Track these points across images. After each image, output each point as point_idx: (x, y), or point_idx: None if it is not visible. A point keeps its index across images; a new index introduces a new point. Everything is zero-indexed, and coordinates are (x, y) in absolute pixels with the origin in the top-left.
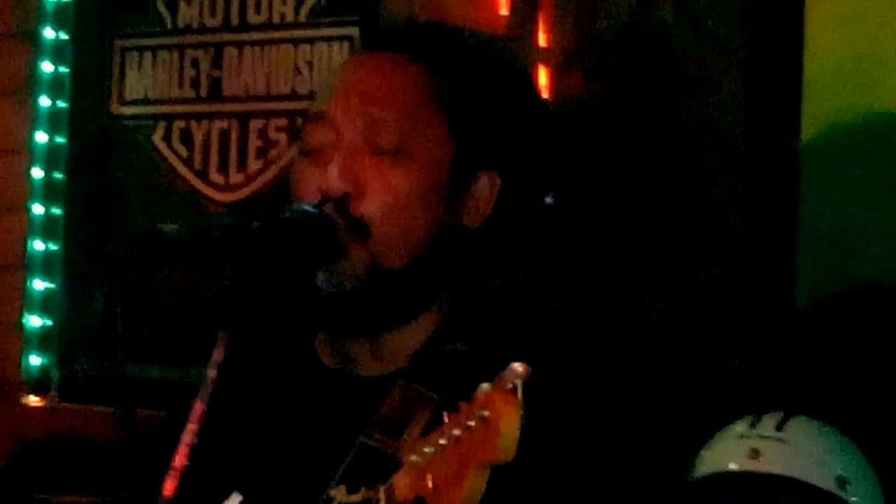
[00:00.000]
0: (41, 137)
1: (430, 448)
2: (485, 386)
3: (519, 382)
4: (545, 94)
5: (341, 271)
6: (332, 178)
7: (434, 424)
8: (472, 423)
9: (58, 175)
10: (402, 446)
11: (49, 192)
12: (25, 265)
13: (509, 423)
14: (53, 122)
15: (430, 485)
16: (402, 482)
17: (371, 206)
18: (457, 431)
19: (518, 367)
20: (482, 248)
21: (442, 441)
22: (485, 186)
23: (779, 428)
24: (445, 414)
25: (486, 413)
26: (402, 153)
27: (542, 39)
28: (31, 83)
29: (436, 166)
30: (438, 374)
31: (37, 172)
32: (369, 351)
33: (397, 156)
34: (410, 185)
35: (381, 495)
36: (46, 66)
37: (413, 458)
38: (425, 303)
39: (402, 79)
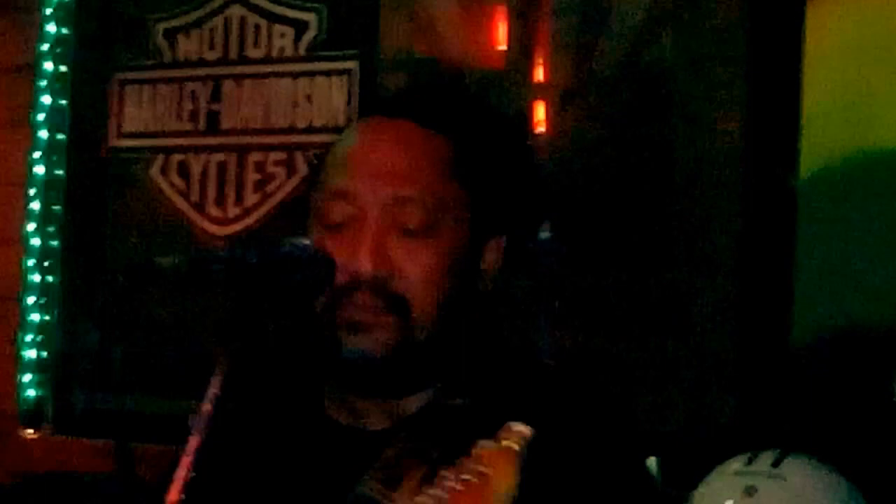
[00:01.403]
0: (40, 170)
1: (427, 500)
2: (485, 443)
3: (520, 442)
4: (542, 130)
5: (371, 342)
6: (365, 262)
7: (431, 478)
8: (470, 478)
9: (56, 207)
10: (398, 499)
11: (47, 224)
12: (22, 297)
13: (506, 481)
14: (52, 154)
15: None
16: None
17: (407, 284)
18: (455, 485)
19: (521, 427)
20: (491, 308)
21: (440, 493)
22: (494, 252)
23: (775, 465)
24: (445, 468)
25: (484, 469)
26: (430, 231)
27: (539, 75)
28: (30, 115)
29: (458, 239)
30: (438, 429)
31: (35, 205)
32: (380, 409)
33: (426, 236)
34: (439, 260)
35: None
36: (46, 99)
37: None
38: (441, 369)
39: (425, 153)
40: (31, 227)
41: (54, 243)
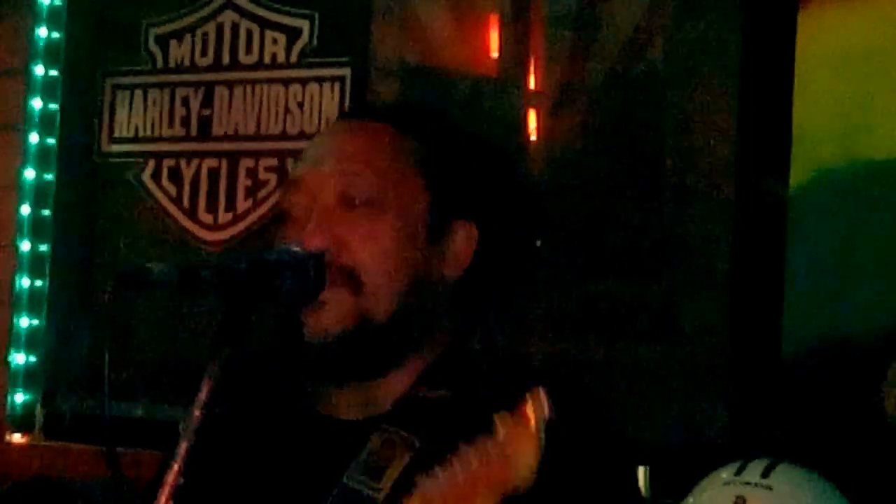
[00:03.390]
0: (30, 174)
1: (443, 476)
2: (505, 417)
3: (541, 423)
4: (535, 137)
5: (328, 320)
6: (310, 235)
7: (414, 468)
8: (490, 455)
9: (46, 212)
10: (383, 488)
11: (37, 228)
12: (11, 302)
13: (527, 455)
14: (42, 158)
15: None
16: None
17: (355, 256)
18: (474, 462)
19: (543, 402)
20: (463, 297)
21: (457, 469)
22: (462, 237)
23: (764, 475)
24: (464, 445)
25: (505, 445)
26: (377, 205)
27: (532, 83)
28: (21, 119)
29: (412, 217)
30: (420, 420)
31: (25, 209)
32: (353, 398)
33: (372, 207)
34: (388, 233)
35: None
36: (36, 103)
37: (427, 484)
38: (407, 352)
39: (376, 137)
40: (20, 231)
41: (44, 248)
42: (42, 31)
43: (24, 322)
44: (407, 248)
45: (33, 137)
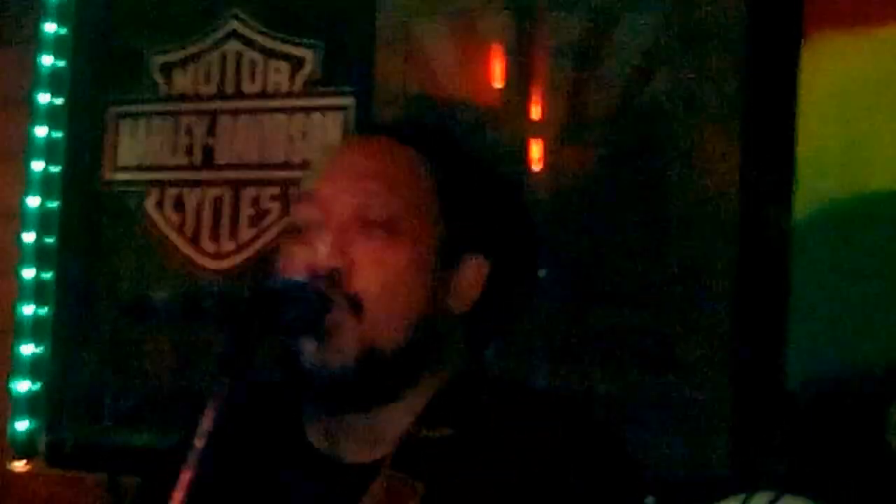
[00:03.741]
0: (33, 202)
1: None
2: None
3: None
4: (538, 168)
5: (330, 349)
6: (322, 254)
7: None
8: None
9: (49, 240)
10: None
11: (40, 256)
12: (15, 329)
13: None
14: (46, 186)
15: None
16: None
17: (364, 282)
18: None
19: None
20: (469, 331)
21: None
22: (473, 270)
23: None
24: None
25: None
26: (393, 228)
27: (535, 113)
28: (24, 147)
29: (425, 246)
30: (424, 462)
31: (28, 237)
32: (355, 433)
33: (388, 230)
34: (400, 260)
35: None
36: (40, 131)
37: None
38: (410, 384)
39: (395, 157)
40: (24, 259)
41: (47, 276)
42: (47, 60)
43: (28, 350)
44: (418, 278)
45: (37, 165)
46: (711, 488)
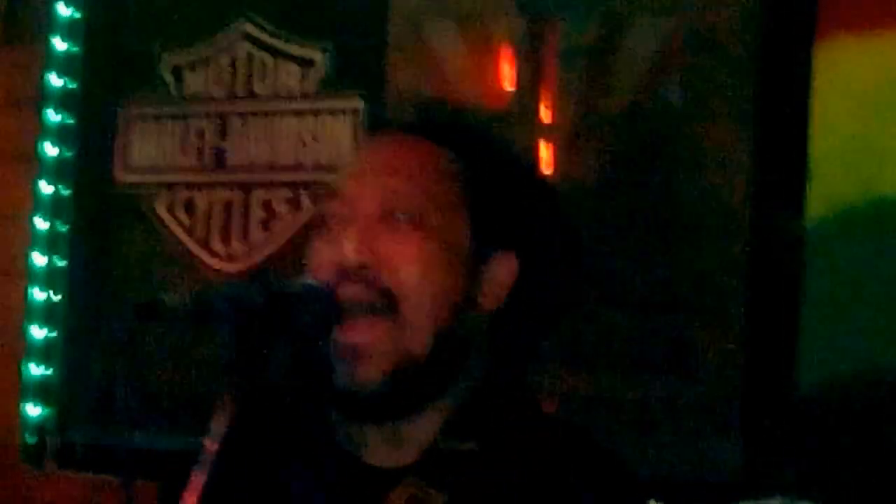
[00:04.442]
0: (47, 189)
1: None
2: None
3: None
4: (549, 171)
5: (364, 367)
6: (348, 250)
7: None
8: None
9: (62, 227)
10: None
11: (50, 277)
12: (26, 330)
13: None
14: (58, 181)
15: None
16: None
17: (394, 276)
18: None
19: None
20: (497, 333)
21: None
22: (501, 268)
23: None
24: None
25: None
26: (419, 222)
27: (545, 116)
28: (37, 147)
29: (452, 239)
30: (447, 474)
31: (38, 259)
32: (380, 437)
33: (414, 225)
34: (427, 254)
35: None
36: (53, 133)
37: None
38: (439, 392)
39: (423, 155)
40: (36, 259)
41: (61, 263)
42: (59, 59)
43: (40, 343)
44: (448, 274)
45: (49, 149)
46: (722, 493)
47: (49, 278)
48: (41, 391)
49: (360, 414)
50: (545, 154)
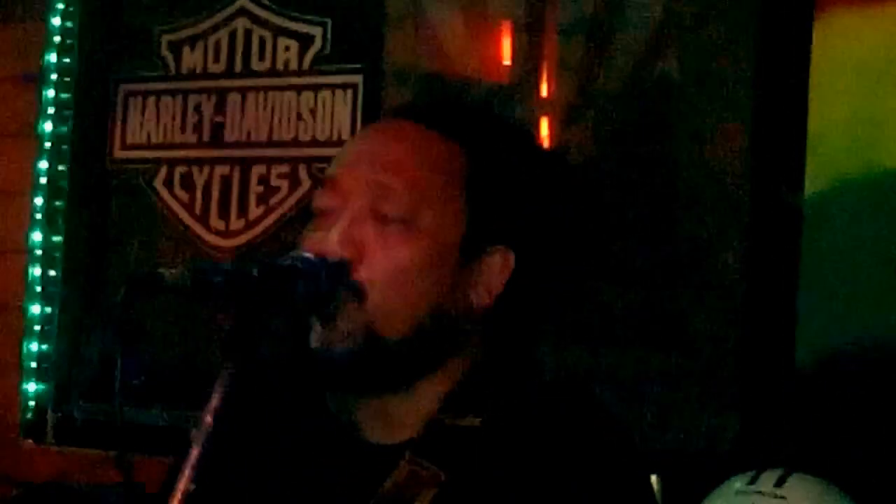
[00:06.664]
0: (43, 165)
1: None
2: None
3: None
4: (548, 145)
5: (334, 330)
6: (332, 242)
7: (439, 502)
8: None
9: (59, 203)
10: None
11: (51, 234)
12: (25, 307)
13: None
14: (56, 158)
15: None
16: None
17: (369, 273)
18: None
19: None
20: (493, 323)
21: None
22: (497, 263)
23: (778, 484)
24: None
25: None
26: (409, 223)
27: (544, 91)
28: (35, 125)
29: (445, 240)
30: (447, 451)
31: (38, 215)
32: (374, 413)
33: (403, 226)
34: (414, 257)
35: None
36: (50, 110)
37: None
38: (424, 374)
39: (416, 146)
40: (35, 236)
41: (57, 253)
42: (57, 37)
43: (38, 327)
44: (432, 273)
45: (48, 126)
46: (720, 466)
47: (47, 255)
48: (41, 367)
49: (336, 383)
50: (543, 128)
